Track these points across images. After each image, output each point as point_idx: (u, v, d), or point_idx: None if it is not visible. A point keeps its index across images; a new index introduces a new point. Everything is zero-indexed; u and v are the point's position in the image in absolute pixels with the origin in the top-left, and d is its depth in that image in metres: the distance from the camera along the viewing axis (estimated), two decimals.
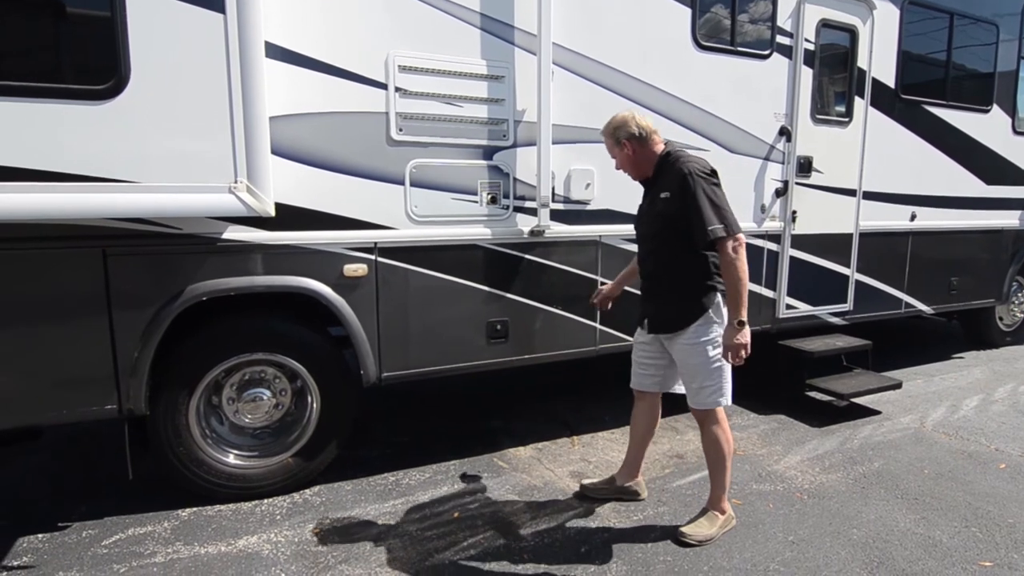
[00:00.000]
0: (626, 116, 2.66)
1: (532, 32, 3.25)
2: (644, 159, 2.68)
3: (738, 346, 2.47)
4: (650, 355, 2.83)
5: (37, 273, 2.51)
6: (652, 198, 2.68)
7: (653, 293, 2.76)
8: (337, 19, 2.88)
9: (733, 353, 2.50)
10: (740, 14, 3.91)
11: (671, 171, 2.59)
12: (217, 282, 2.77)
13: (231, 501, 2.99)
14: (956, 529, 2.84)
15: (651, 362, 2.84)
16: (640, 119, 2.65)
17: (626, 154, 2.68)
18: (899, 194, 4.80)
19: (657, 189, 2.65)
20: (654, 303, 2.75)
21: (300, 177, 2.87)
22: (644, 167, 2.70)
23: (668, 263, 2.65)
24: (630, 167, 2.73)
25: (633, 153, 2.66)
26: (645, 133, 2.64)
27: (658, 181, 2.66)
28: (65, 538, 2.70)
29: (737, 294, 2.48)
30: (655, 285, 2.75)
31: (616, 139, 2.67)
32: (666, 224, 2.59)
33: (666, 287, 2.68)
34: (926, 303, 5.14)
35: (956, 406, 4.44)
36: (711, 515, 2.77)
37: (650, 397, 2.92)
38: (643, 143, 2.65)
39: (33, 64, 2.36)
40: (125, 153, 2.41)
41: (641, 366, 2.88)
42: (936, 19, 4.84)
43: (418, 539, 2.72)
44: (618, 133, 2.65)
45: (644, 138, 2.64)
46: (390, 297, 3.12)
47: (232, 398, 3.02)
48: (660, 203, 2.61)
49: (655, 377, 2.85)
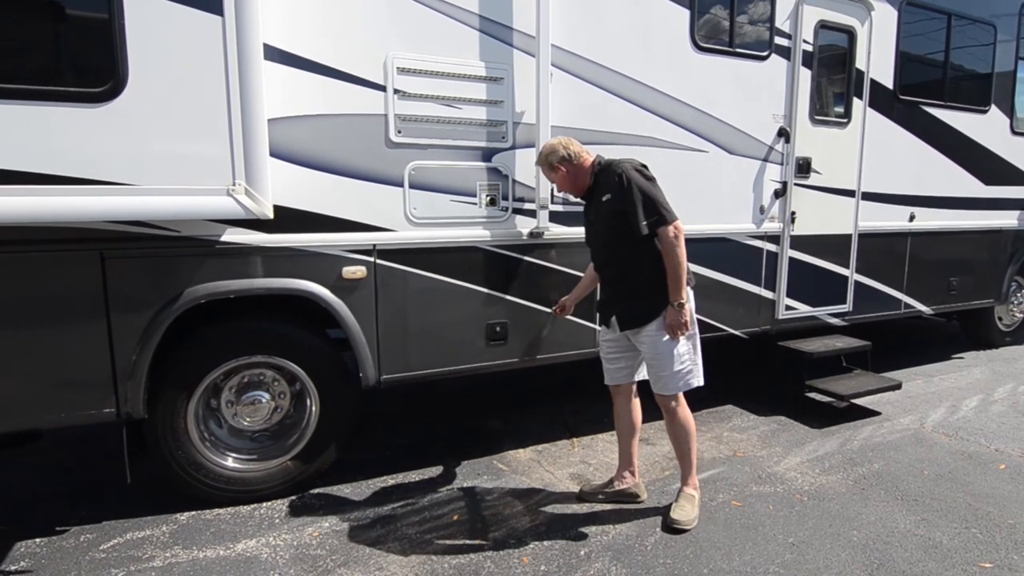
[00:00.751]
0: (554, 143, 2.85)
1: (531, 34, 3.25)
2: (578, 175, 2.85)
3: (682, 324, 2.69)
4: (618, 349, 2.94)
5: (35, 276, 2.50)
6: (596, 205, 2.81)
7: (619, 294, 2.86)
8: (336, 21, 2.87)
9: (677, 331, 2.70)
10: (738, 15, 3.91)
11: (606, 175, 2.76)
12: (215, 285, 2.76)
13: (230, 504, 2.98)
14: (956, 530, 2.84)
15: (620, 355, 2.95)
16: (568, 144, 2.84)
17: (562, 174, 2.85)
18: (898, 195, 4.80)
19: (598, 195, 2.79)
20: (621, 303, 2.84)
21: (299, 179, 2.86)
22: (580, 181, 2.86)
23: (628, 262, 2.76)
24: (568, 185, 2.89)
25: (568, 172, 2.84)
26: (573, 153, 2.84)
27: (597, 188, 2.81)
28: (63, 542, 2.69)
29: (678, 277, 2.66)
30: (619, 286, 2.85)
31: (550, 164, 2.85)
32: (617, 224, 2.71)
33: (631, 285, 2.78)
34: (925, 304, 5.14)
35: (956, 407, 4.44)
36: (688, 495, 2.92)
37: (625, 390, 3.02)
38: (573, 161, 2.83)
39: (31, 67, 2.35)
40: (123, 155, 2.41)
41: (611, 361, 2.99)
42: (934, 20, 4.84)
43: (418, 542, 2.71)
44: (551, 158, 2.83)
45: (573, 158, 2.83)
46: (389, 299, 3.11)
47: (231, 401, 3.01)
48: (605, 207, 2.74)
49: (625, 369, 2.98)
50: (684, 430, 2.88)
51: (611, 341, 2.95)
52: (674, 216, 2.66)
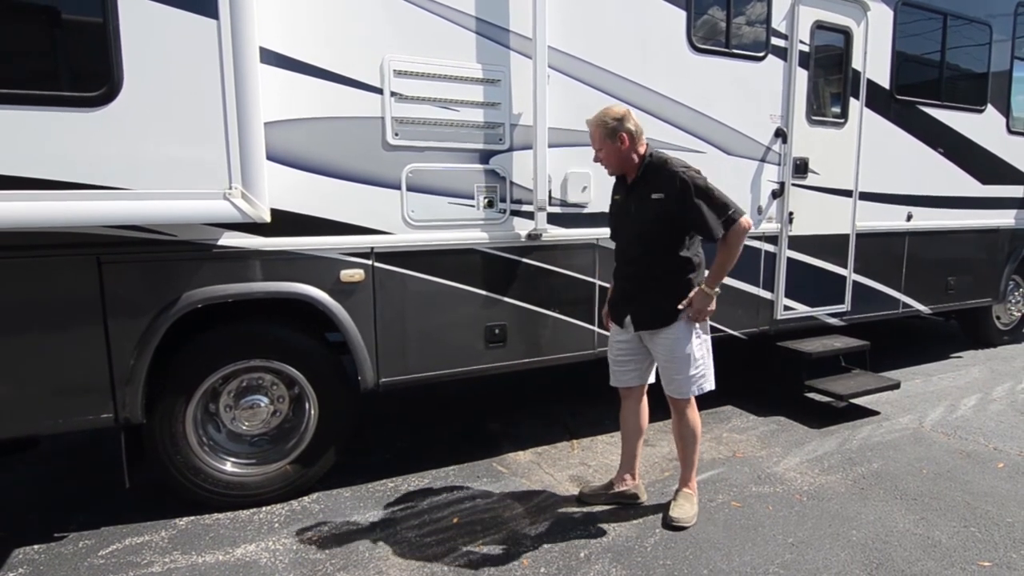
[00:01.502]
0: (623, 110, 2.69)
1: (527, 36, 3.25)
2: (630, 156, 2.70)
3: (708, 310, 2.68)
4: (629, 351, 2.88)
5: (31, 282, 2.49)
6: (641, 199, 2.70)
7: (638, 292, 2.79)
8: (332, 24, 2.87)
9: (701, 315, 2.69)
10: (735, 16, 3.91)
11: (661, 173, 2.65)
12: (213, 289, 2.76)
13: (229, 509, 2.97)
14: (955, 529, 2.84)
15: (630, 357, 2.89)
16: (633, 115, 2.70)
17: (617, 147, 2.67)
18: (895, 194, 4.81)
19: (647, 190, 2.68)
20: (638, 301, 2.79)
21: (296, 182, 2.86)
22: (628, 164, 2.73)
23: (659, 262, 2.70)
24: (615, 161, 2.73)
25: (626, 148, 2.67)
26: (638, 131, 2.70)
27: (647, 182, 2.69)
28: (62, 548, 2.68)
29: (725, 270, 2.68)
30: (641, 284, 2.77)
31: (612, 131, 2.65)
32: (662, 225, 2.64)
33: (654, 285, 2.73)
34: (923, 303, 5.14)
35: (954, 406, 4.45)
36: (687, 494, 2.92)
37: (636, 392, 2.96)
38: (635, 140, 2.69)
39: (26, 71, 2.35)
40: (119, 160, 2.40)
41: (620, 363, 2.92)
42: (930, 20, 4.85)
43: (417, 545, 2.70)
44: (616, 126, 2.64)
45: (637, 136, 2.69)
46: (387, 302, 3.11)
47: (229, 405, 3.00)
48: (654, 204, 2.64)
49: (636, 371, 2.91)
50: (692, 433, 2.86)
51: (623, 342, 2.88)
52: (743, 211, 2.65)
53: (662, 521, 2.86)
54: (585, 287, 3.61)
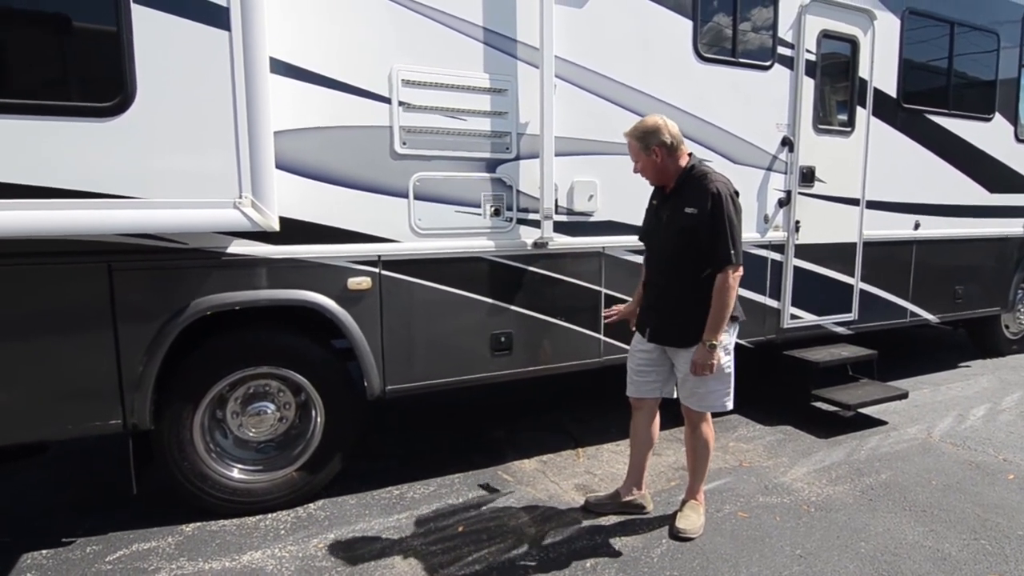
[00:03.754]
0: (658, 122, 2.64)
1: (534, 45, 3.27)
2: (668, 168, 2.67)
3: (708, 365, 2.59)
4: (650, 362, 2.84)
5: (43, 288, 2.52)
6: (673, 211, 2.66)
7: (662, 306, 2.76)
8: (341, 34, 2.90)
9: (702, 370, 2.60)
10: (741, 25, 3.93)
11: (699, 187, 2.60)
12: (222, 296, 2.78)
13: (235, 516, 2.98)
14: (965, 541, 2.81)
15: (651, 368, 2.85)
16: (671, 127, 2.64)
17: (653, 160, 2.65)
18: (902, 203, 4.80)
19: (681, 202, 2.63)
20: (662, 316, 2.76)
21: (304, 191, 2.88)
22: (666, 176, 2.70)
23: (685, 278, 2.65)
24: (652, 174, 2.72)
25: (661, 161, 2.65)
26: (675, 143, 2.64)
27: (683, 194, 2.65)
28: (69, 554, 2.69)
29: (721, 319, 2.57)
30: (666, 299, 2.74)
31: (646, 144, 2.64)
32: (691, 240, 2.60)
33: (679, 302, 2.68)
34: (931, 312, 5.12)
35: (963, 416, 4.41)
36: (694, 505, 2.91)
37: (649, 404, 2.92)
38: (672, 152, 2.65)
39: (40, 82, 2.38)
40: (131, 169, 2.43)
41: (640, 373, 2.88)
42: (936, 28, 4.85)
43: (423, 553, 2.70)
44: (648, 139, 2.63)
45: (673, 147, 2.64)
46: (394, 310, 3.12)
47: (236, 412, 3.01)
48: (685, 218, 2.60)
49: (655, 383, 2.87)
50: (704, 446, 2.84)
51: (644, 352, 2.83)
52: (740, 260, 2.57)
53: (669, 532, 2.85)
54: (591, 295, 3.61)
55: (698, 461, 2.88)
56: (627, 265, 3.65)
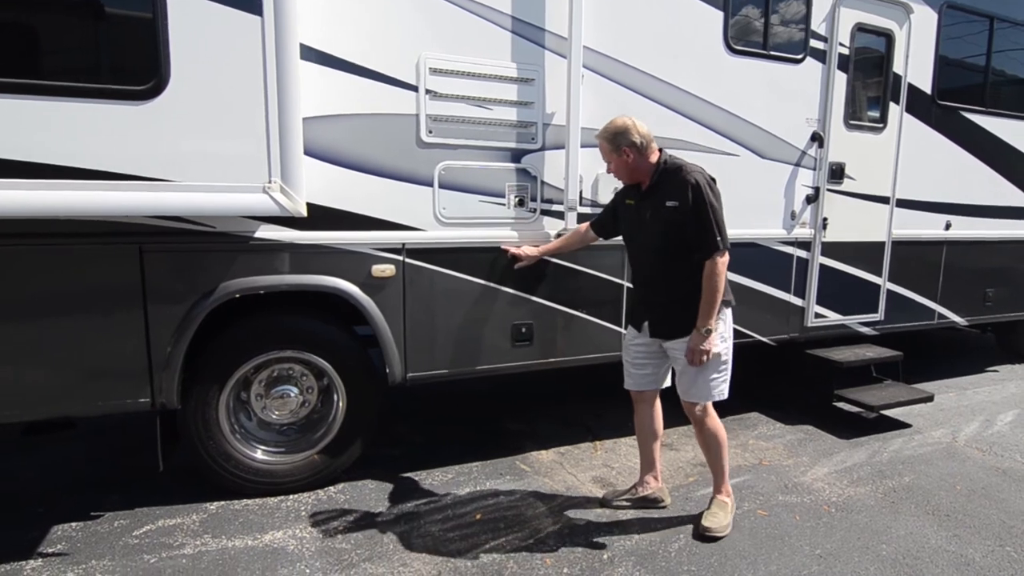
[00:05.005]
0: (627, 122, 2.67)
1: (563, 35, 3.25)
2: (640, 167, 2.71)
3: (703, 351, 2.62)
4: (646, 354, 2.87)
5: (76, 268, 2.57)
6: (654, 206, 2.69)
7: (654, 300, 2.78)
8: (370, 21, 2.90)
9: (696, 357, 2.62)
10: (773, 17, 3.85)
11: (676, 179, 2.63)
12: (249, 280, 2.81)
13: (257, 496, 3.03)
14: (990, 548, 2.76)
15: (647, 360, 2.88)
16: (640, 127, 2.67)
17: (623, 160, 2.70)
18: (934, 202, 4.69)
19: (661, 197, 2.66)
20: (656, 310, 2.78)
21: (331, 178, 2.90)
22: (639, 174, 2.74)
23: (673, 271, 2.67)
24: (624, 174, 2.77)
25: (631, 160, 2.69)
26: (645, 142, 2.67)
27: (661, 189, 2.68)
28: (98, 527, 2.77)
29: (713, 305, 2.59)
30: (656, 292, 2.77)
31: (616, 145, 2.68)
32: (676, 232, 2.62)
33: (670, 294, 2.71)
34: (960, 314, 5.01)
35: (990, 421, 4.32)
36: (720, 502, 2.89)
37: (648, 396, 2.95)
38: (641, 151, 2.68)
39: (77, 65, 2.43)
40: (163, 152, 2.47)
41: (636, 366, 2.91)
42: (975, 23, 4.71)
43: (440, 540, 2.73)
44: (618, 140, 2.66)
45: (643, 147, 2.68)
46: (417, 298, 3.14)
47: (260, 394, 3.06)
48: (667, 211, 2.63)
49: (651, 375, 2.90)
50: (715, 439, 2.83)
51: (640, 346, 2.89)
52: (727, 244, 2.60)
53: (694, 531, 2.80)
54: (612, 288, 3.59)
55: (712, 456, 2.87)
56: None
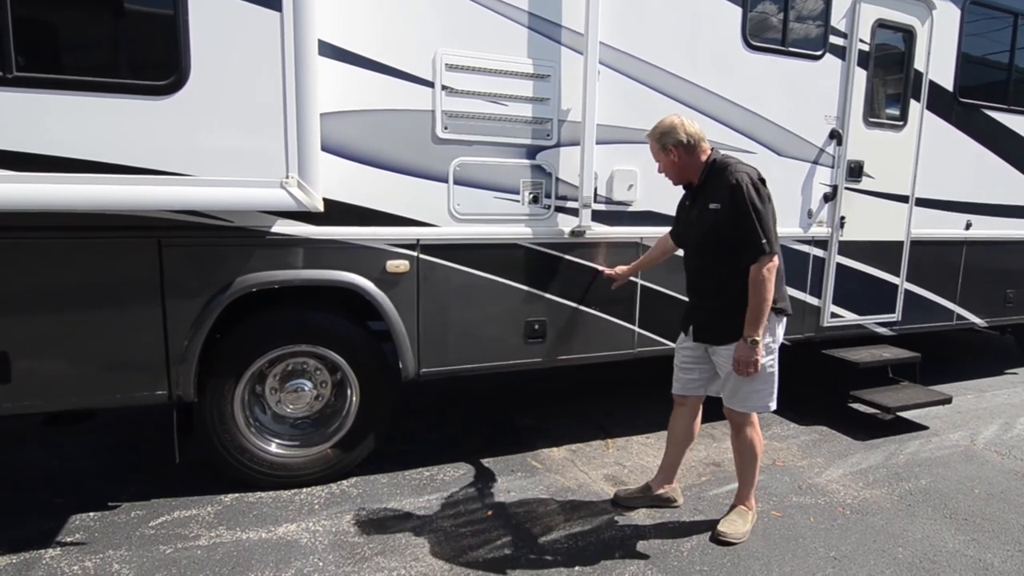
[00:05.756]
0: (674, 121, 2.62)
1: (579, 31, 3.23)
2: (689, 166, 2.65)
3: (751, 362, 2.52)
4: (694, 360, 2.81)
5: (95, 261, 2.60)
6: (700, 208, 2.63)
7: (700, 305, 2.74)
8: (387, 18, 2.90)
9: (744, 368, 2.54)
10: (792, 13, 3.81)
11: (720, 180, 2.54)
12: (265, 274, 2.83)
13: (271, 489, 3.05)
14: (1009, 553, 2.73)
15: (695, 366, 2.81)
16: (689, 125, 2.61)
17: (671, 160, 2.65)
18: (954, 201, 4.62)
19: (706, 199, 2.60)
20: (701, 315, 2.73)
21: (347, 173, 2.91)
22: (688, 174, 2.68)
23: (717, 276, 2.60)
24: (673, 173, 2.71)
25: (679, 159, 2.64)
26: (693, 141, 2.60)
27: (707, 190, 2.61)
28: (115, 517, 2.81)
29: (759, 313, 2.49)
30: (703, 298, 2.72)
31: (662, 145, 2.64)
32: (717, 237, 2.55)
33: (715, 301, 2.64)
34: (979, 315, 4.93)
35: (1009, 424, 4.26)
36: (741, 511, 2.83)
37: (692, 401, 2.88)
38: (690, 151, 2.62)
39: (100, 60, 2.45)
40: (183, 147, 2.49)
41: (684, 370, 2.85)
42: (999, 19, 4.63)
43: (452, 535, 2.74)
44: (665, 139, 2.62)
45: (692, 146, 2.61)
46: (430, 294, 3.14)
47: (275, 388, 3.09)
48: (710, 214, 2.56)
49: (699, 381, 2.83)
50: (750, 450, 2.74)
51: (688, 349, 2.81)
52: (776, 248, 2.48)
53: (711, 534, 2.77)
54: (626, 286, 3.57)
55: (744, 466, 2.79)
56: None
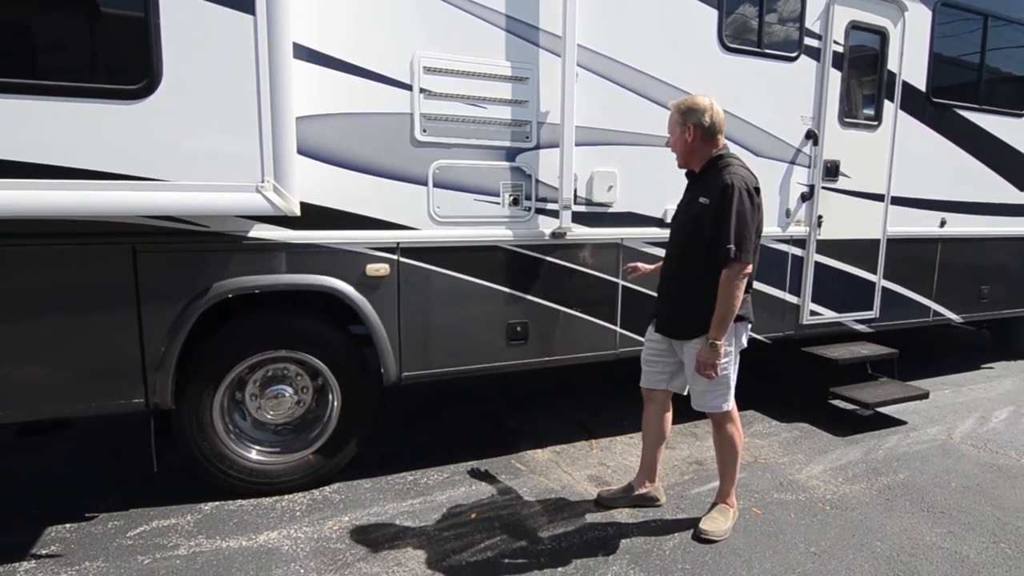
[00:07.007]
0: (705, 103, 2.59)
1: (557, 34, 3.24)
2: (698, 151, 2.63)
3: (712, 365, 2.53)
4: (660, 353, 2.83)
5: (69, 268, 2.56)
6: (690, 199, 2.65)
7: (669, 294, 2.76)
8: (364, 20, 2.90)
9: (706, 370, 2.55)
10: (767, 15, 3.86)
11: (716, 177, 2.54)
12: (243, 279, 2.80)
13: (252, 496, 3.02)
14: (984, 544, 2.77)
15: (659, 359, 2.83)
16: (717, 112, 2.59)
17: (685, 138, 2.61)
18: (929, 199, 4.70)
19: (698, 191, 2.62)
20: (668, 304, 2.75)
21: (325, 177, 2.89)
22: (694, 159, 2.66)
23: (691, 269, 2.62)
24: (681, 152, 2.68)
25: (692, 140, 2.60)
26: (714, 128, 2.59)
27: (703, 183, 2.62)
28: (92, 528, 2.76)
29: (724, 317, 2.49)
30: (673, 287, 2.73)
31: (684, 120, 2.60)
32: (695, 230, 2.58)
33: (683, 292, 2.66)
34: (955, 311, 5.02)
35: (985, 418, 4.34)
36: (723, 508, 2.84)
37: (660, 397, 2.90)
38: (707, 137, 2.60)
39: (69, 64, 2.42)
40: (156, 152, 2.46)
41: (650, 363, 2.87)
42: (969, 20, 4.72)
43: (436, 539, 2.73)
44: (688, 116, 2.59)
45: (711, 133, 2.59)
46: (411, 297, 3.14)
47: (255, 394, 3.06)
48: (697, 207, 2.58)
49: (663, 375, 2.85)
50: (731, 447, 2.75)
51: (653, 342, 2.84)
52: (750, 258, 2.48)
53: (693, 532, 2.78)
54: (608, 287, 3.59)
55: (724, 462, 2.81)
56: (646, 257, 3.61)
